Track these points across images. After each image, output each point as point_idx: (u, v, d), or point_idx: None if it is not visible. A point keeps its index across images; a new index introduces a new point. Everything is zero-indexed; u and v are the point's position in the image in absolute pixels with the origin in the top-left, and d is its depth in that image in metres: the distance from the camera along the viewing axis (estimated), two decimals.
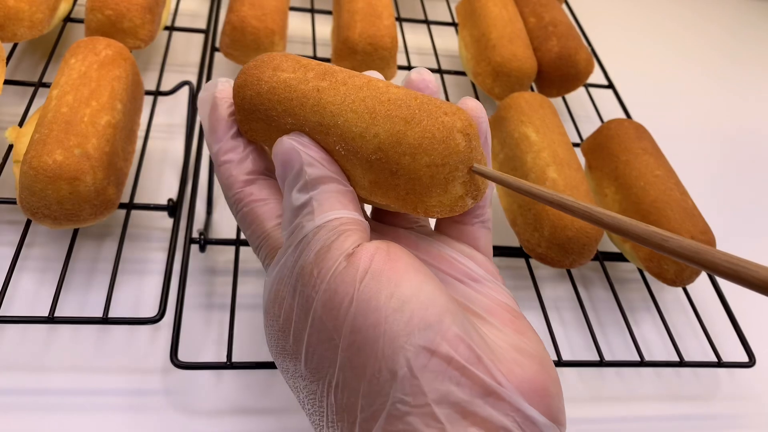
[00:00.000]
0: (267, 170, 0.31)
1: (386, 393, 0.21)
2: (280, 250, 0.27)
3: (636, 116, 0.68)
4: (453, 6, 0.78)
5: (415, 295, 0.23)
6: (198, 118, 0.54)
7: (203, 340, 0.44)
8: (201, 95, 0.32)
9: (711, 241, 0.48)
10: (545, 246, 0.47)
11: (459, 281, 0.27)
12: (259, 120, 0.29)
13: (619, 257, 0.54)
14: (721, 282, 0.54)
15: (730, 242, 0.56)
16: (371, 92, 0.26)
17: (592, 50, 0.75)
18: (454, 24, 0.75)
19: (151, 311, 0.45)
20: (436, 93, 0.30)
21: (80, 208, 0.42)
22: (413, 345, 0.21)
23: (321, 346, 0.24)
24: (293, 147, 0.27)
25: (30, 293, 0.44)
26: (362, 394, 0.22)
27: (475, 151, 0.25)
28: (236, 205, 0.30)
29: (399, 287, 0.23)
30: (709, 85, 0.86)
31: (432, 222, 0.32)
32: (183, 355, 0.40)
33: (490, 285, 0.28)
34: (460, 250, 0.29)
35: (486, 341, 0.23)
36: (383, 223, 0.31)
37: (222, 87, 0.31)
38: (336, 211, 0.25)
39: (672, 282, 0.49)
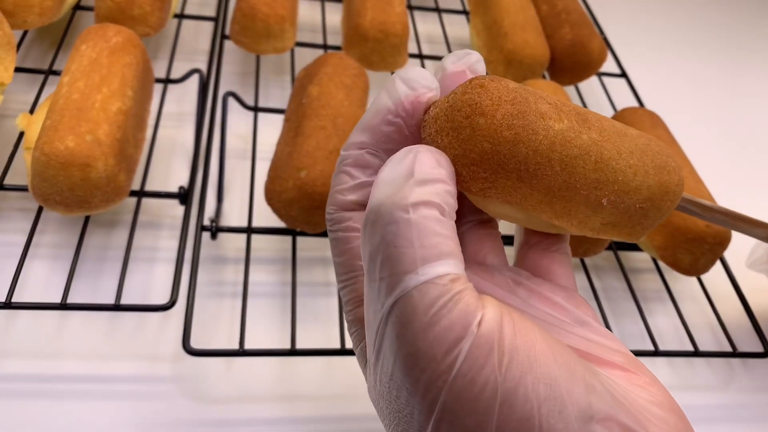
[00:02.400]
0: None
1: None
2: (366, 297, 0.22)
3: (649, 105, 0.67)
4: None
5: (557, 372, 0.20)
6: (208, 106, 0.54)
7: (214, 327, 0.44)
8: (398, 86, 0.24)
9: (726, 230, 0.47)
10: None
11: (564, 329, 0.24)
12: (511, 178, 0.23)
13: (633, 247, 0.53)
14: (736, 272, 0.53)
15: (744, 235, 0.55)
16: (631, 141, 0.25)
17: (605, 38, 0.74)
18: (465, 12, 0.75)
19: (162, 298, 0.45)
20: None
21: (91, 194, 0.42)
22: None
23: None
24: (418, 150, 0.21)
25: (41, 280, 0.44)
26: None
27: None
28: (332, 225, 0.25)
29: (539, 365, 0.20)
30: (722, 74, 0.85)
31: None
32: (194, 343, 0.40)
33: (593, 328, 0.25)
34: (556, 292, 0.26)
35: (626, 403, 0.21)
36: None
37: (419, 93, 0.24)
38: (443, 261, 0.20)
39: (686, 271, 0.48)
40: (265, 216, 0.49)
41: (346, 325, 0.25)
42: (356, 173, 0.25)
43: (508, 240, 0.42)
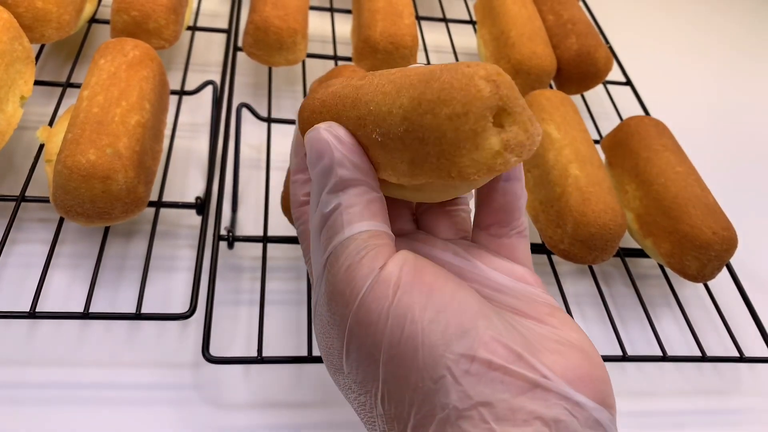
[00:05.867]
0: None
1: (432, 401, 0.22)
2: (313, 260, 0.27)
3: (654, 113, 0.68)
4: (470, 4, 0.79)
5: (448, 303, 0.23)
6: (222, 117, 0.55)
7: (232, 335, 0.45)
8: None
9: (733, 237, 0.48)
10: (568, 242, 0.48)
11: (495, 291, 0.28)
12: None
13: (640, 253, 0.54)
14: (742, 277, 0.54)
15: (750, 241, 0.56)
16: (403, 72, 0.25)
17: (610, 47, 0.75)
18: (471, 22, 0.76)
19: (181, 307, 0.46)
20: None
21: (112, 206, 0.43)
22: (452, 353, 0.22)
23: (363, 362, 0.24)
24: (327, 140, 0.26)
25: (62, 289, 0.45)
26: (408, 404, 0.23)
27: (509, 100, 0.23)
28: (295, 221, 0.33)
29: (431, 297, 0.23)
30: (727, 81, 0.86)
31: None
32: (213, 350, 0.41)
33: (526, 291, 0.28)
34: (497, 265, 0.28)
35: (525, 337, 0.24)
36: (418, 241, 0.31)
37: None
38: (364, 223, 0.25)
39: (694, 278, 0.49)
40: (280, 225, 0.50)
41: None
42: (302, 176, 0.32)
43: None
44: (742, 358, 0.48)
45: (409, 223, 0.32)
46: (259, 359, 0.41)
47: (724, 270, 0.54)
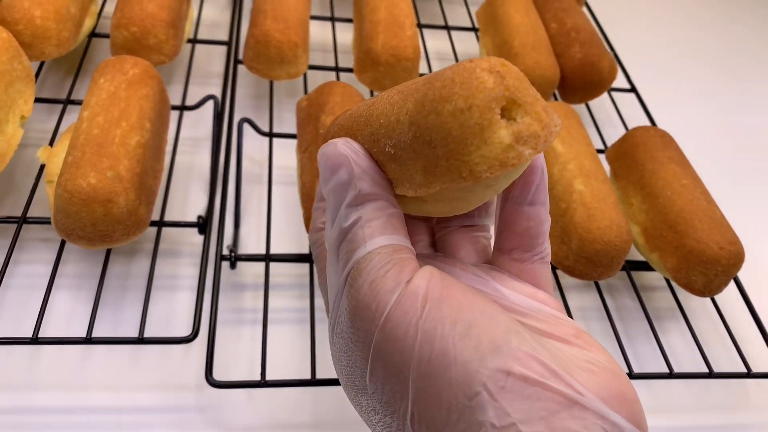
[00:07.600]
0: None
1: (467, 419, 0.21)
2: (329, 276, 0.27)
3: (659, 120, 0.68)
4: (473, 11, 0.78)
5: (479, 318, 0.23)
6: (224, 132, 0.55)
7: (235, 356, 0.45)
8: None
9: (740, 251, 0.48)
10: (573, 259, 0.47)
11: (519, 314, 0.27)
12: None
13: (645, 266, 0.54)
14: (750, 291, 0.54)
15: (758, 253, 0.55)
16: (412, 80, 0.25)
17: (615, 54, 0.74)
18: (474, 29, 0.75)
19: (184, 328, 0.46)
20: None
21: (113, 229, 0.43)
22: (487, 368, 0.21)
23: (390, 380, 0.23)
24: (345, 154, 0.26)
25: (65, 311, 0.45)
26: (441, 423, 0.22)
27: (518, 90, 0.22)
28: (312, 244, 0.33)
29: (461, 312, 0.23)
30: (733, 88, 0.85)
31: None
32: (216, 373, 0.41)
33: (551, 313, 0.27)
34: (520, 289, 0.28)
35: (556, 355, 0.23)
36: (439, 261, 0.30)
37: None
38: (387, 236, 0.25)
39: (700, 293, 0.49)
40: (282, 241, 0.50)
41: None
42: (320, 204, 0.33)
43: None
44: (749, 374, 0.48)
45: (426, 248, 0.31)
46: (263, 383, 0.40)
47: (731, 283, 0.54)
